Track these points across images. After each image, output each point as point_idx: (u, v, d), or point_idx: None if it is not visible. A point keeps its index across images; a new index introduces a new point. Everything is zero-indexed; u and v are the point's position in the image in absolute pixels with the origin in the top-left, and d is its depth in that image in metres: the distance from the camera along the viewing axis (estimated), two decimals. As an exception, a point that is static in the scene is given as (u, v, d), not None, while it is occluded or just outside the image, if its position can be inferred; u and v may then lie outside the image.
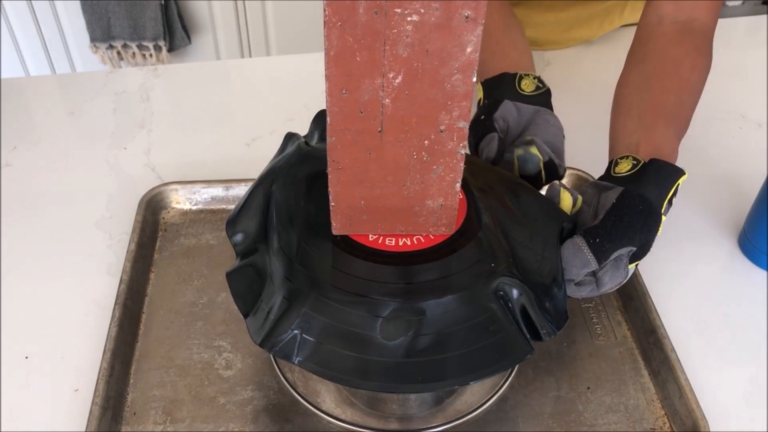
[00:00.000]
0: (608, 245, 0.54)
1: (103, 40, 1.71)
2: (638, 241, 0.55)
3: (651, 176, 0.58)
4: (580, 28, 1.01)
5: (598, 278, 0.55)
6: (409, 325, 0.48)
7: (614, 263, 0.55)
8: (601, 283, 0.55)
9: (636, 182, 0.58)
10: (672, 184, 0.59)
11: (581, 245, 0.54)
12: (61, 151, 0.87)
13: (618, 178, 0.60)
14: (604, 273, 0.55)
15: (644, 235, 0.55)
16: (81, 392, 0.61)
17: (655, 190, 0.58)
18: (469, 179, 0.56)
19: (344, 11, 0.41)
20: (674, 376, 0.60)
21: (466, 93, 0.44)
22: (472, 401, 0.59)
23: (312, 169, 0.57)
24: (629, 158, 0.61)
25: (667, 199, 0.58)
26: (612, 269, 0.55)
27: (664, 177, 0.59)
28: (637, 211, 0.56)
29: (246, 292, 0.54)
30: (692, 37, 0.71)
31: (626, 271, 0.55)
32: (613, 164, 0.62)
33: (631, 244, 0.55)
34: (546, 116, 0.67)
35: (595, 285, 0.55)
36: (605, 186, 0.60)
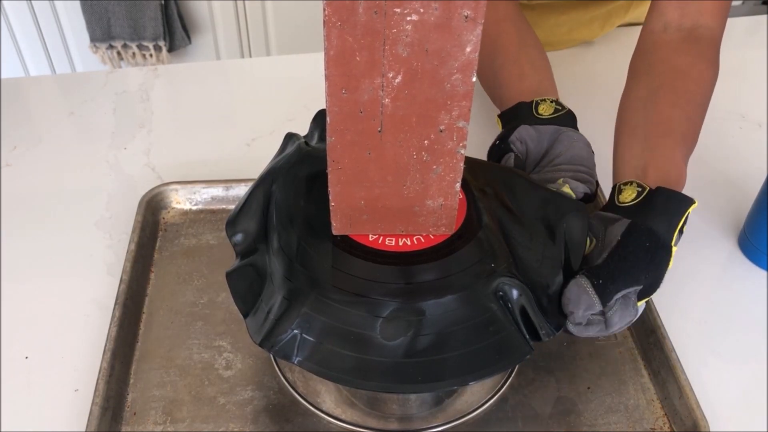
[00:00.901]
0: (611, 287, 0.51)
1: (103, 40, 1.71)
2: (644, 280, 0.52)
3: (659, 207, 0.55)
4: (581, 30, 1.01)
5: (607, 318, 0.52)
6: (409, 325, 0.48)
7: (623, 302, 0.52)
8: (610, 323, 0.52)
9: (642, 214, 0.55)
10: (681, 214, 0.55)
11: (585, 286, 0.52)
12: (61, 151, 0.87)
13: (623, 209, 0.57)
14: (613, 313, 0.52)
15: (651, 272, 0.53)
16: (81, 392, 0.61)
17: (664, 222, 0.55)
18: (469, 179, 0.56)
19: (344, 11, 0.41)
20: (674, 376, 0.60)
21: (466, 93, 0.44)
22: (472, 401, 0.59)
23: (312, 169, 0.57)
24: (633, 185, 0.58)
25: (677, 230, 0.55)
26: (621, 309, 0.52)
27: (673, 208, 0.55)
28: (643, 248, 0.53)
29: (246, 292, 0.54)
30: (698, 46, 0.68)
31: (635, 309, 0.53)
32: (616, 191, 0.59)
33: (636, 284, 0.52)
34: (569, 133, 0.65)
35: (603, 325, 0.53)
36: (611, 218, 0.57)
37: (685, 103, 0.65)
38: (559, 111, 0.67)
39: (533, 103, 0.67)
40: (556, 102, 0.68)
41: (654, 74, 0.68)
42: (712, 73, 0.68)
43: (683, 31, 0.69)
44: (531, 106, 0.67)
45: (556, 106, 0.67)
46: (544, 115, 0.66)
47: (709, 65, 0.68)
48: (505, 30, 0.76)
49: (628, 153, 0.63)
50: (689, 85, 0.66)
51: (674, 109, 0.64)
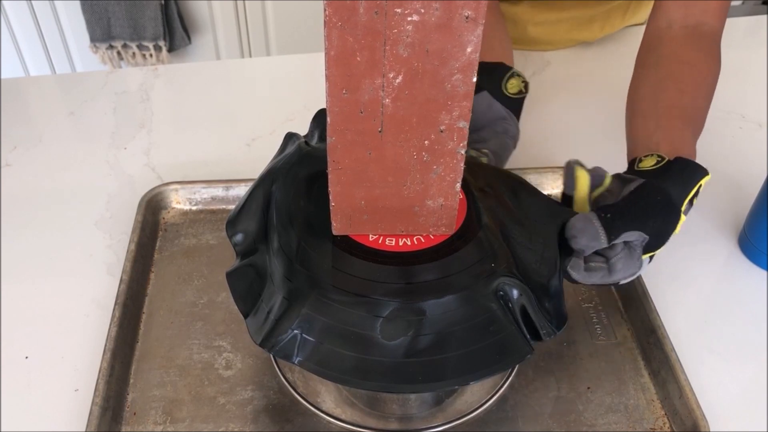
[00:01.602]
0: (619, 223, 0.53)
1: (103, 40, 1.71)
2: (651, 228, 0.54)
3: (675, 173, 0.58)
4: (581, 30, 1.01)
5: (611, 264, 0.54)
6: (409, 325, 0.48)
7: (628, 251, 0.53)
8: (614, 269, 0.54)
9: (660, 177, 0.58)
10: (695, 182, 0.58)
11: (592, 218, 0.53)
12: (61, 151, 0.87)
13: (642, 172, 0.59)
14: (618, 259, 0.53)
15: (658, 224, 0.55)
16: (81, 392, 0.61)
17: (678, 185, 0.57)
18: (469, 179, 0.56)
19: (344, 11, 0.41)
20: (674, 376, 0.60)
21: (467, 93, 0.44)
22: (472, 401, 0.59)
23: (312, 169, 0.57)
24: (653, 156, 0.60)
25: (688, 198, 0.58)
26: (625, 257, 0.54)
27: (688, 175, 0.58)
28: (654, 200, 0.55)
29: (246, 292, 0.54)
30: (702, 42, 0.71)
31: (640, 262, 0.54)
32: (636, 161, 0.62)
33: (642, 229, 0.53)
34: (507, 125, 0.68)
35: (606, 271, 0.54)
36: (628, 178, 0.59)
37: (693, 90, 0.68)
38: (521, 93, 0.70)
39: (509, 71, 0.70)
40: (525, 84, 0.70)
41: (662, 65, 0.70)
42: (716, 67, 0.71)
43: (687, 28, 0.71)
44: (505, 73, 0.70)
45: (522, 88, 0.70)
46: (509, 91, 0.69)
47: (713, 59, 0.71)
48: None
49: (642, 133, 0.66)
50: (696, 76, 0.69)
51: (683, 96, 0.67)
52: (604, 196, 0.59)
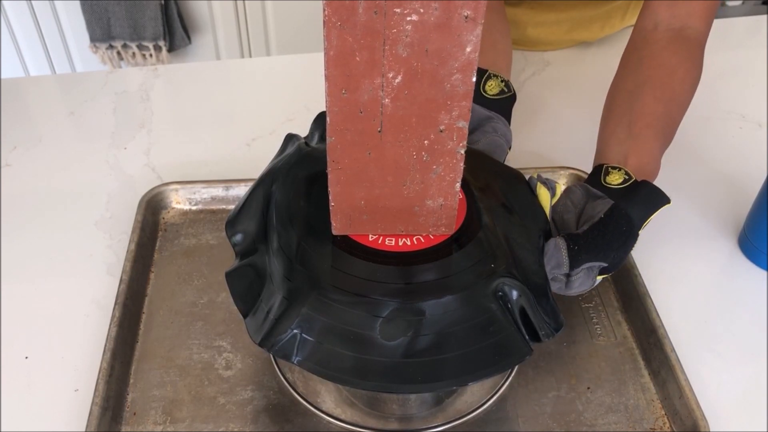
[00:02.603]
0: (584, 256, 0.56)
1: (103, 40, 1.71)
2: (612, 259, 0.57)
3: (641, 197, 0.60)
4: (581, 30, 1.01)
5: (570, 281, 0.56)
6: (408, 326, 0.48)
7: (586, 272, 0.56)
8: (571, 286, 0.57)
9: (625, 197, 0.60)
10: (656, 209, 0.61)
11: (561, 247, 0.55)
12: (61, 151, 0.87)
13: (608, 189, 0.61)
14: (576, 278, 0.56)
15: (619, 254, 0.57)
16: (81, 392, 0.61)
17: (641, 211, 0.60)
18: (469, 179, 0.56)
19: (344, 11, 0.41)
20: (674, 376, 0.60)
21: (466, 93, 0.44)
22: (472, 401, 0.59)
23: (312, 169, 0.57)
24: (620, 171, 0.63)
25: (647, 222, 0.61)
26: (583, 276, 0.56)
27: (652, 201, 0.61)
28: (620, 231, 0.58)
29: (246, 292, 0.54)
30: (686, 45, 0.72)
31: (593, 281, 0.57)
32: (603, 172, 0.63)
33: (604, 260, 0.56)
34: (496, 124, 0.68)
35: (563, 284, 0.57)
36: (596, 194, 0.61)
37: (668, 99, 0.69)
38: (504, 93, 0.69)
39: (485, 74, 0.70)
40: (505, 83, 0.70)
41: (642, 68, 0.71)
42: (696, 73, 0.72)
43: (672, 30, 0.72)
44: (481, 77, 0.69)
45: (504, 87, 0.69)
46: (488, 93, 0.69)
47: (693, 65, 0.72)
48: None
49: (613, 138, 0.67)
50: (674, 84, 0.70)
51: (657, 104, 0.68)
52: (567, 206, 0.61)
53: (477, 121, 0.68)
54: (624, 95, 0.70)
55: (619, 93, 0.71)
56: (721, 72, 0.71)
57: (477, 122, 0.68)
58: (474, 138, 0.66)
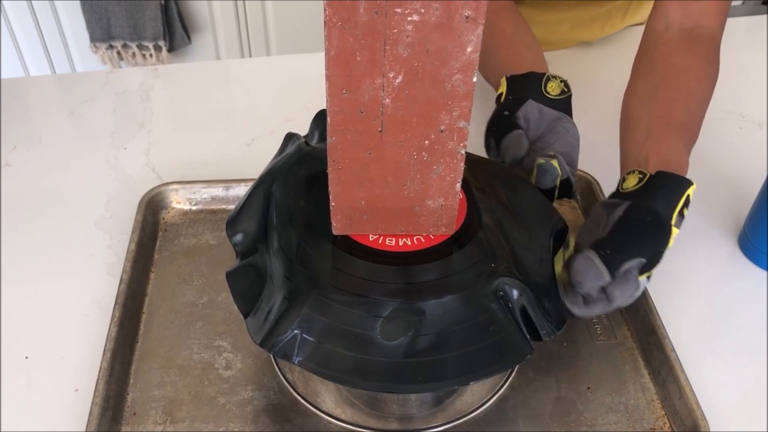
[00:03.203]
0: (619, 256, 0.52)
1: (103, 40, 1.71)
2: (648, 252, 0.53)
3: (658, 188, 0.57)
4: (581, 30, 1.01)
5: (609, 293, 0.53)
6: (409, 325, 0.48)
7: (624, 277, 0.53)
8: (612, 297, 0.53)
9: (643, 196, 0.57)
10: (680, 194, 0.57)
11: (592, 258, 0.52)
12: (61, 151, 0.87)
13: (625, 194, 0.58)
14: (614, 288, 0.52)
15: (654, 245, 0.54)
16: (81, 392, 0.61)
17: (663, 201, 0.56)
18: (469, 179, 0.56)
19: (344, 11, 0.41)
20: (674, 376, 0.60)
21: (467, 93, 0.44)
22: (472, 401, 0.59)
23: (312, 169, 0.57)
24: (636, 173, 0.59)
25: (676, 211, 0.56)
26: (622, 283, 0.53)
27: (671, 188, 0.57)
28: (644, 222, 0.54)
29: (246, 292, 0.54)
30: (699, 45, 0.70)
31: (637, 283, 0.53)
32: (621, 181, 0.61)
33: (640, 255, 0.53)
34: (567, 125, 0.66)
35: (606, 301, 0.53)
36: (613, 203, 0.58)
37: (686, 97, 0.66)
38: (565, 93, 0.68)
39: (544, 77, 0.68)
40: (564, 82, 0.68)
41: (655, 71, 0.69)
42: (713, 71, 0.69)
43: (685, 30, 0.70)
44: (541, 79, 0.67)
45: (564, 87, 0.68)
46: (551, 94, 0.67)
47: (709, 63, 0.69)
48: (503, 17, 0.78)
49: (632, 144, 0.65)
50: (690, 82, 0.67)
51: (674, 104, 0.66)
52: (591, 230, 0.57)
53: (548, 122, 0.66)
54: (638, 101, 0.68)
55: (633, 100, 0.69)
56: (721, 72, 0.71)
57: (548, 124, 0.66)
58: (548, 140, 0.64)
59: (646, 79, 0.69)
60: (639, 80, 0.70)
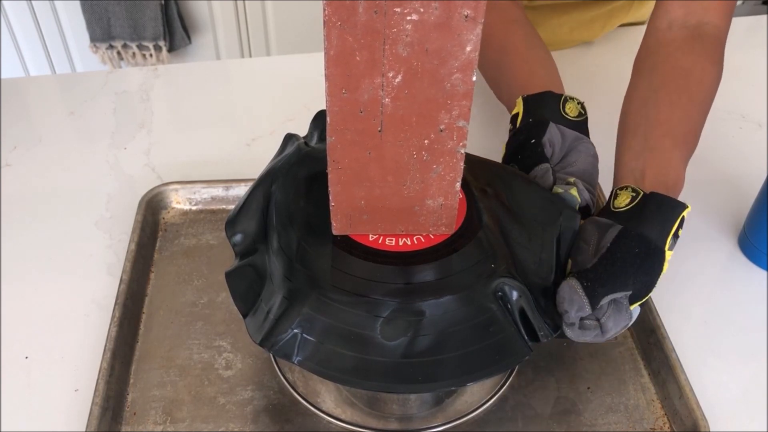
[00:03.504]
0: (600, 290, 0.52)
1: (103, 40, 1.71)
2: (633, 285, 0.53)
3: (652, 212, 0.55)
4: (581, 31, 1.01)
5: (602, 324, 0.52)
6: (408, 326, 0.48)
7: (615, 307, 0.52)
8: (605, 329, 0.52)
9: (635, 219, 0.55)
10: (674, 219, 0.55)
11: (576, 288, 0.52)
12: (61, 151, 0.87)
13: (617, 214, 0.57)
14: (607, 319, 0.52)
15: (641, 277, 0.53)
16: (81, 392, 0.61)
17: (657, 227, 0.54)
18: (469, 179, 0.56)
19: (344, 11, 0.41)
20: (674, 376, 0.60)
21: (466, 92, 0.44)
22: (472, 401, 0.59)
23: (312, 169, 0.57)
24: (628, 189, 0.58)
25: (670, 235, 0.55)
26: (614, 314, 0.52)
27: (665, 212, 0.55)
28: (632, 253, 0.53)
29: (246, 292, 0.54)
30: (703, 44, 0.68)
31: (629, 314, 0.53)
32: (612, 196, 0.59)
33: (623, 289, 0.52)
34: (587, 145, 0.64)
35: (599, 330, 0.53)
36: (605, 224, 0.56)
37: (686, 102, 0.65)
38: (582, 115, 0.66)
39: (561, 98, 0.66)
40: (581, 105, 0.67)
41: (657, 73, 0.67)
42: (716, 72, 0.68)
43: (688, 28, 0.68)
44: (559, 101, 0.66)
45: (581, 109, 0.67)
46: (570, 115, 0.66)
47: (712, 64, 0.68)
48: (514, 31, 0.76)
49: (628, 154, 0.63)
50: (691, 85, 0.66)
51: (674, 109, 0.64)
52: (580, 248, 0.56)
53: (570, 142, 0.64)
54: (637, 105, 0.66)
55: (633, 103, 0.67)
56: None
57: (570, 144, 0.64)
58: (570, 160, 0.63)
59: (647, 82, 0.67)
60: (640, 82, 0.68)
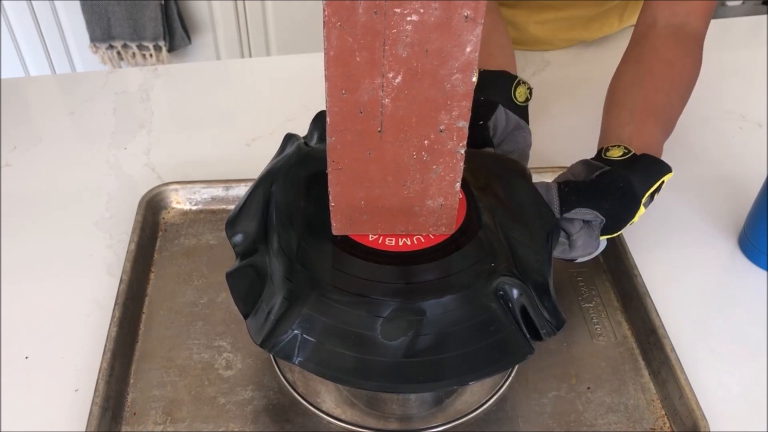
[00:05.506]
0: (573, 197, 0.57)
1: (103, 40, 1.71)
2: (606, 210, 0.57)
3: (640, 166, 0.61)
4: (580, 29, 1.01)
5: (572, 240, 0.57)
6: (409, 325, 0.48)
7: (587, 231, 0.57)
8: (574, 245, 0.58)
9: (625, 167, 0.61)
10: (658, 177, 0.61)
11: (552, 188, 0.57)
12: (61, 151, 0.87)
13: (609, 161, 0.62)
14: (578, 236, 0.57)
15: (615, 208, 0.58)
16: (81, 392, 0.61)
17: (641, 178, 0.60)
18: (469, 179, 0.56)
19: (344, 11, 0.41)
20: (674, 376, 0.60)
21: (466, 93, 0.44)
22: (472, 401, 0.59)
23: (312, 169, 0.57)
24: (620, 147, 0.63)
25: (649, 191, 0.61)
26: (585, 235, 0.57)
27: (652, 170, 0.62)
28: (616, 186, 0.59)
29: (246, 293, 0.54)
30: (685, 41, 0.74)
31: (598, 242, 0.58)
32: (603, 150, 0.64)
33: (597, 209, 0.57)
34: (525, 134, 0.70)
35: (567, 246, 0.58)
36: (595, 165, 0.62)
37: (669, 89, 0.71)
38: (528, 100, 0.72)
39: (515, 81, 0.71)
40: (530, 90, 0.72)
41: (642, 62, 0.73)
42: (695, 66, 0.74)
43: (672, 27, 0.74)
44: (512, 83, 0.70)
45: (528, 94, 0.72)
46: (518, 99, 0.70)
47: (692, 59, 0.74)
48: None
49: (615, 122, 0.69)
50: (673, 75, 0.72)
51: (658, 94, 0.70)
52: (567, 179, 0.62)
53: (510, 128, 0.69)
54: (625, 86, 0.72)
55: (620, 84, 0.73)
56: (721, 72, 0.71)
57: (510, 131, 0.69)
58: (506, 149, 0.67)
59: (635, 68, 0.74)
60: (627, 69, 0.75)
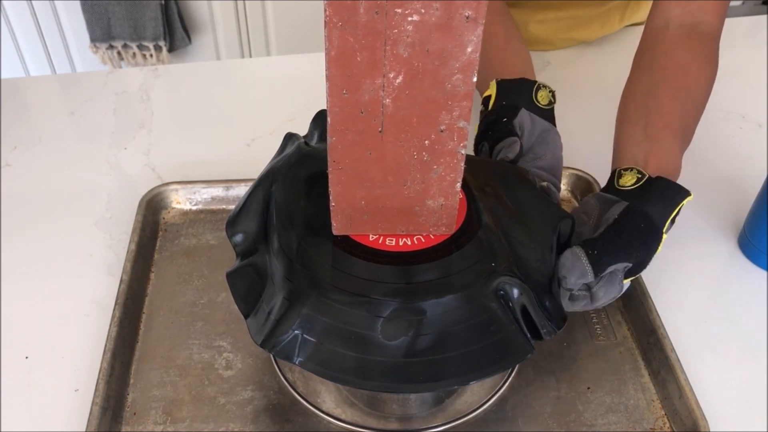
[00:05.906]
0: (605, 258, 0.54)
1: (103, 40, 1.71)
2: (635, 258, 0.55)
3: (656, 194, 0.58)
4: (580, 29, 1.01)
5: (593, 293, 0.55)
6: (409, 325, 0.48)
7: (609, 278, 0.55)
8: (596, 297, 0.55)
9: (640, 197, 0.58)
10: (676, 204, 0.58)
11: (580, 255, 0.54)
12: (61, 151, 0.87)
13: (622, 192, 0.59)
14: (599, 288, 0.55)
15: (642, 252, 0.56)
16: (81, 392, 0.61)
17: (659, 208, 0.57)
18: (469, 179, 0.56)
19: (345, 11, 0.41)
20: (674, 376, 0.60)
21: (467, 93, 0.44)
22: (472, 401, 0.59)
23: (312, 169, 0.57)
24: (633, 171, 0.60)
25: (670, 219, 0.58)
26: (607, 284, 0.55)
27: (669, 196, 0.58)
28: (638, 228, 0.56)
29: (246, 293, 0.54)
30: (699, 42, 0.70)
31: (621, 286, 0.55)
32: (616, 175, 0.62)
33: (627, 260, 0.55)
34: (555, 136, 0.67)
35: (589, 299, 0.55)
36: (609, 199, 0.59)
37: (685, 97, 0.67)
38: (552, 103, 0.69)
39: (535, 85, 0.68)
40: (552, 94, 0.69)
41: (656, 68, 0.70)
42: (712, 69, 0.70)
43: (685, 27, 0.71)
44: (532, 88, 0.68)
45: (551, 98, 0.69)
46: (541, 103, 0.68)
47: (708, 62, 0.70)
48: (493, 21, 0.78)
49: (629, 140, 0.66)
50: (689, 82, 0.68)
51: (674, 103, 0.67)
52: (581, 219, 0.59)
53: (539, 132, 0.67)
54: (638, 96, 0.69)
55: (633, 95, 0.70)
56: (721, 72, 0.71)
57: (539, 134, 0.66)
58: (539, 152, 0.65)
59: (648, 75, 0.70)
60: (639, 77, 0.71)
